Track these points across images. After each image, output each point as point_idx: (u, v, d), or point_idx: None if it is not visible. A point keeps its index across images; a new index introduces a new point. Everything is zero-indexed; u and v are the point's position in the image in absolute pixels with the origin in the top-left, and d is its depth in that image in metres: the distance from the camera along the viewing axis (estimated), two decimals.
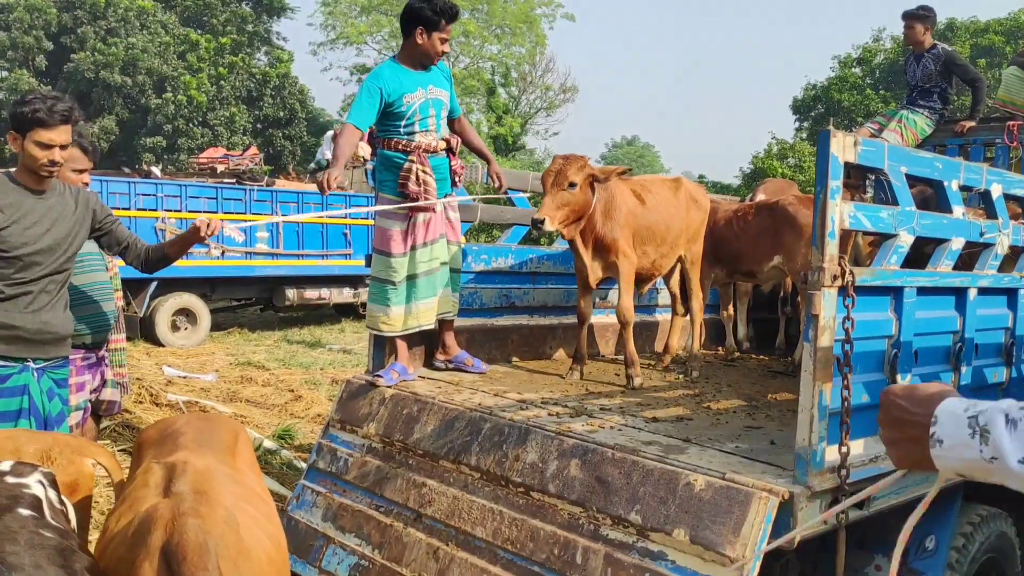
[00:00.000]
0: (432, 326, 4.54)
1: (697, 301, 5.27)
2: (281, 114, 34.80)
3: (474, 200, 5.16)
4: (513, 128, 37.54)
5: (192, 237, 3.73)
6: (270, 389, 9.26)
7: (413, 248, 4.39)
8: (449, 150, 4.53)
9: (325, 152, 17.15)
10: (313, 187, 14.42)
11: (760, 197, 6.38)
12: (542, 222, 4.14)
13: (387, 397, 4.07)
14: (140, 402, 7.46)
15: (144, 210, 11.60)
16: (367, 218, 13.58)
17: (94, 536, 2.82)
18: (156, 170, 15.43)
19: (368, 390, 4.19)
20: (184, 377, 9.48)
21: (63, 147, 3.34)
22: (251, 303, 14.55)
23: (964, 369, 3.55)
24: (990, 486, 3.77)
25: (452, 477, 3.56)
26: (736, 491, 2.77)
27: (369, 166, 15.47)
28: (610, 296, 5.64)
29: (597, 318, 5.43)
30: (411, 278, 4.40)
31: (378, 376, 4.25)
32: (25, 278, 3.36)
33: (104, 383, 4.23)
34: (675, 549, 2.80)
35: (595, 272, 4.65)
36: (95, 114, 33.20)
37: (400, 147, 4.38)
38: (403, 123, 4.36)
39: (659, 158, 67.76)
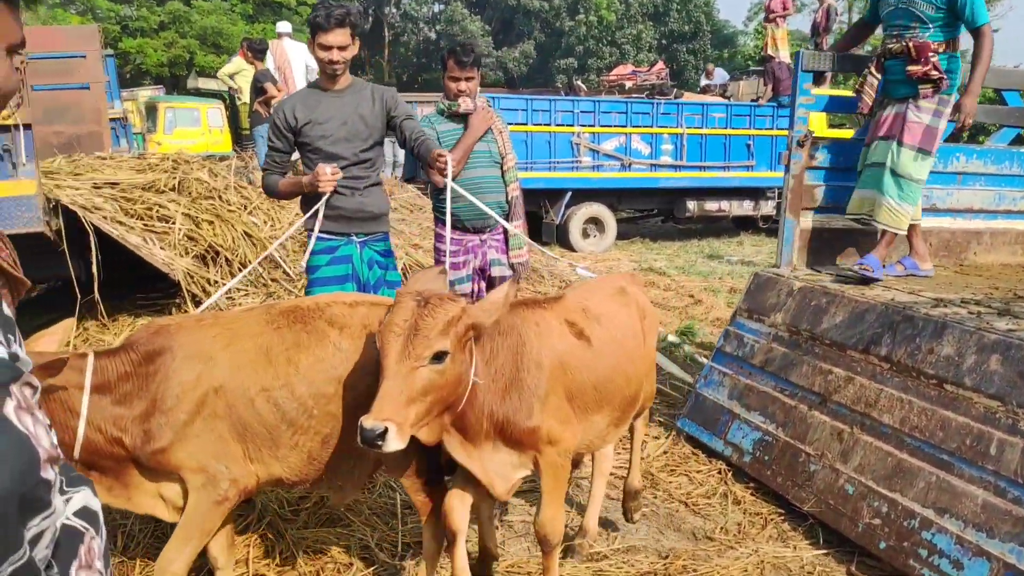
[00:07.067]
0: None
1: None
2: (686, 28, 34.88)
3: None
4: None
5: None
6: (671, 293, 9.75)
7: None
8: None
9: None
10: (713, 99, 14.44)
11: None
12: (382, 435, 2.15)
13: (795, 289, 4.21)
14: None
15: (562, 125, 12.58)
16: (771, 128, 13.40)
17: None
18: (582, 84, 16.50)
19: (775, 282, 4.37)
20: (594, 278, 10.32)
21: (341, 48, 3.65)
22: (653, 214, 15.17)
23: None
24: None
25: (860, 366, 3.64)
26: None
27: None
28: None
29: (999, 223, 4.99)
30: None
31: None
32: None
33: (490, 263, 4.32)
34: None
35: (499, 482, 2.63)
36: (516, 40, 36.09)
37: None
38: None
39: None
